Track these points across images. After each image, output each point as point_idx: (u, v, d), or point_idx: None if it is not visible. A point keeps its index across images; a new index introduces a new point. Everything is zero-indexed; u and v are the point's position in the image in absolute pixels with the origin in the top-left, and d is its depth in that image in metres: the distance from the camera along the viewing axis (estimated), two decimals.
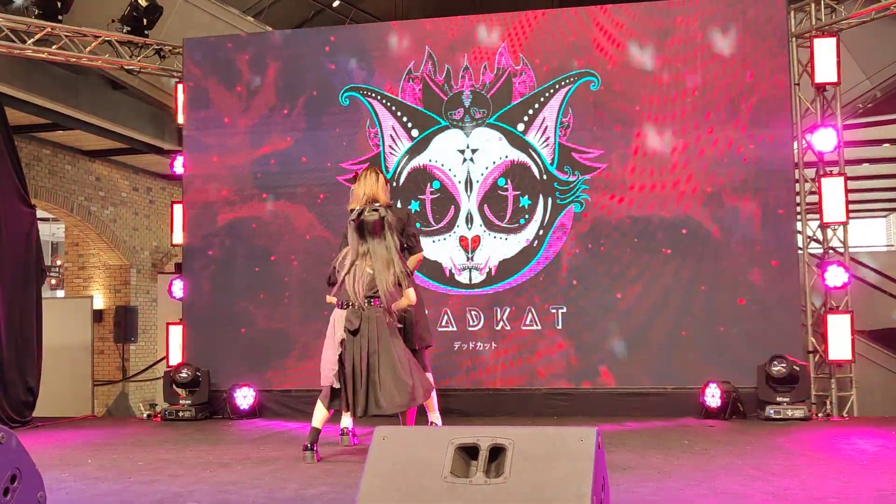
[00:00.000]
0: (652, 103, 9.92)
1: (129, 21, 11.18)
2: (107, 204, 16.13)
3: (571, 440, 3.60)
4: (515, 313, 10.02)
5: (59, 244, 20.48)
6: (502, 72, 10.24)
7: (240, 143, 10.72)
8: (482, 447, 3.63)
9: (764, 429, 8.45)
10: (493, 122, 10.20)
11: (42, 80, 12.25)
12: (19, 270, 10.08)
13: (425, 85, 10.37)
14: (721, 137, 9.74)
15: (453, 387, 9.99)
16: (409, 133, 10.37)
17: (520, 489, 3.48)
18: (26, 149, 13.66)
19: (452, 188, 10.21)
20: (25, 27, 10.55)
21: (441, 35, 10.45)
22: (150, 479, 6.04)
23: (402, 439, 3.82)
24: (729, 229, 9.67)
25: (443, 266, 10.17)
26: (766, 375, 9.14)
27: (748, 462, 6.40)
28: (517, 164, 10.13)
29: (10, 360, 9.81)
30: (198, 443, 7.64)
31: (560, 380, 9.89)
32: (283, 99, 10.69)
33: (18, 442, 4.21)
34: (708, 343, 9.60)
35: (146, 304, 16.75)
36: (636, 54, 10.01)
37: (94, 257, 16.60)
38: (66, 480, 5.94)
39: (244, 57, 10.84)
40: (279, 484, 5.70)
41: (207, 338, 10.56)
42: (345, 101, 10.54)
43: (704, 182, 9.75)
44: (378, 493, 3.63)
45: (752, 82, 9.71)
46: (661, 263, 9.79)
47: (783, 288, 9.54)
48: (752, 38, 9.77)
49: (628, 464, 6.18)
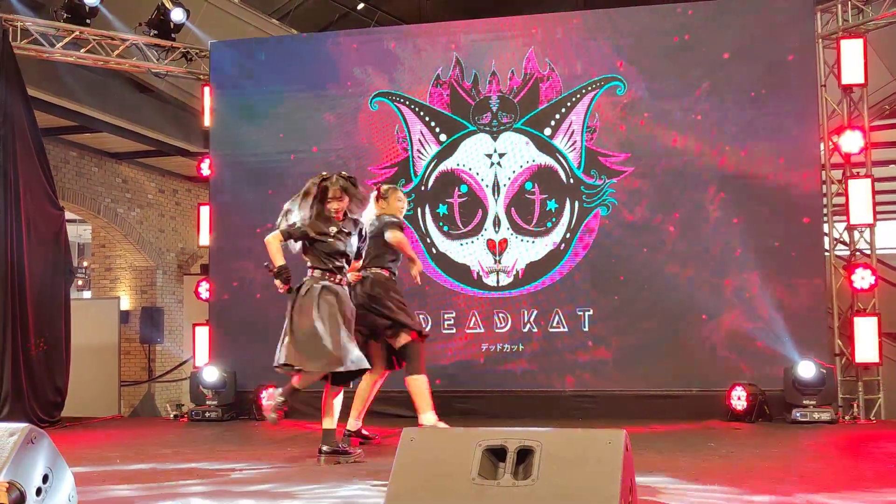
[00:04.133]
0: (677, 107, 9.89)
1: (155, 25, 11.25)
2: (133, 206, 16.20)
3: (600, 442, 3.60)
4: (542, 316, 10.02)
5: (87, 245, 20.56)
6: (529, 76, 10.24)
7: (266, 145, 10.76)
8: (510, 449, 3.63)
9: (790, 432, 8.42)
10: (520, 126, 10.21)
11: (70, 83, 12.34)
12: (48, 271, 10.17)
13: (453, 90, 10.39)
14: (746, 139, 9.69)
15: (480, 388, 10.01)
16: (437, 138, 10.40)
17: (548, 491, 3.49)
18: (54, 151, 13.74)
19: (480, 192, 10.23)
20: (54, 31, 10.65)
21: (468, 39, 10.46)
22: (178, 479, 6.08)
23: (429, 441, 3.83)
24: (754, 232, 9.62)
25: (470, 269, 10.19)
26: (792, 378, 9.11)
27: (775, 465, 6.38)
28: (544, 167, 10.13)
29: (39, 361, 9.90)
30: (225, 443, 7.69)
31: (587, 382, 9.88)
32: (310, 103, 10.72)
33: (50, 442, 4.26)
34: (734, 346, 9.56)
35: (172, 306, 16.82)
36: (662, 57, 9.99)
37: (121, 258, 16.68)
38: (95, 480, 5.98)
39: (270, 60, 10.88)
40: (306, 485, 5.72)
41: (234, 339, 10.59)
42: (373, 106, 10.57)
43: (729, 185, 9.70)
44: (406, 495, 3.65)
45: (779, 84, 9.67)
46: (687, 267, 9.76)
47: (810, 290, 9.49)
48: (778, 40, 9.72)
49: (655, 466, 6.17)
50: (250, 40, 11.76)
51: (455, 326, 10.16)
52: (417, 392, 7.40)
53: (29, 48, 10.54)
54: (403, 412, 9.77)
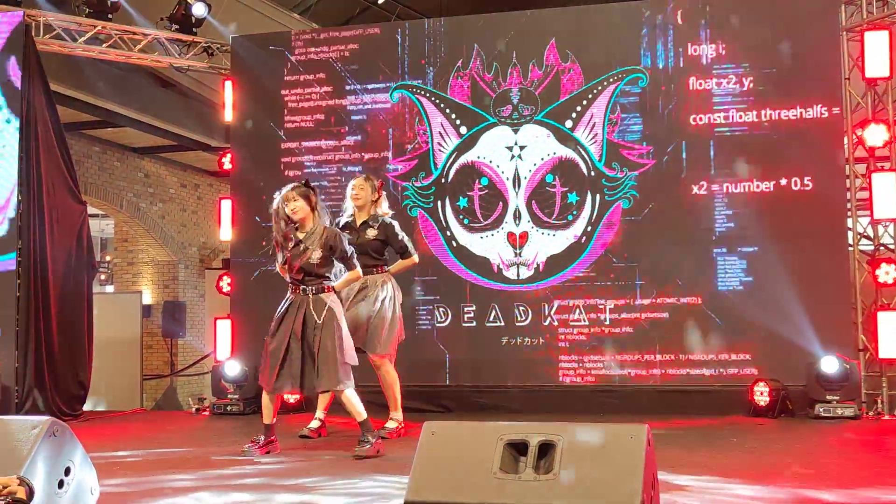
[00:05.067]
0: (700, 99, 9.84)
1: (177, 19, 11.28)
2: (155, 200, 16.27)
3: (622, 437, 3.59)
4: (563, 309, 9.99)
5: (109, 240, 20.66)
6: (550, 69, 10.20)
7: (287, 139, 10.77)
8: (531, 443, 3.62)
9: (813, 427, 8.37)
10: (541, 118, 10.18)
11: (93, 78, 12.39)
12: (70, 265, 10.20)
13: (473, 82, 10.37)
14: (770, 132, 9.64)
15: (501, 383, 9.99)
16: (458, 130, 10.37)
17: (570, 485, 3.47)
18: (77, 146, 13.80)
19: (500, 184, 10.20)
20: (77, 26, 10.69)
21: (489, 32, 10.43)
22: (200, 471, 6.10)
23: (450, 434, 3.82)
24: (777, 227, 9.55)
25: (490, 262, 10.16)
26: (815, 373, 9.05)
27: (798, 460, 6.35)
28: (565, 160, 10.10)
29: (61, 355, 9.94)
30: (246, 436, 7.67)
31: (608, 376, 9.85)
32: (331, 96, 10.72)
33: (72, 435, 4.28)
34: (757, 340, 9.51)
35: (194, 300, 16.88)
36: (684, 50, 9.94)
37: (143, 253, 16.75)
38: (117, 473, 6.00)
39: (291, 54, 10.89)
40: (326, 477, 5.72)
41: (255, 333, 10.59)
42: (394, 99, 10.56)
43: (753, 178, 9.65)
44: (427, 488, 3.64)
45: (802, 77, 9.61)
46: (710, 262, 9.71)
47: (833, 285, 9.43)
48: (802, 32, 9.66)
49: (677, 461, 6.14)
50: (271, 35, 11.77)
51: (475, 320, 10.15)
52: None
53: (52, 43, 10.58)
54: (424, 406, 9.79)
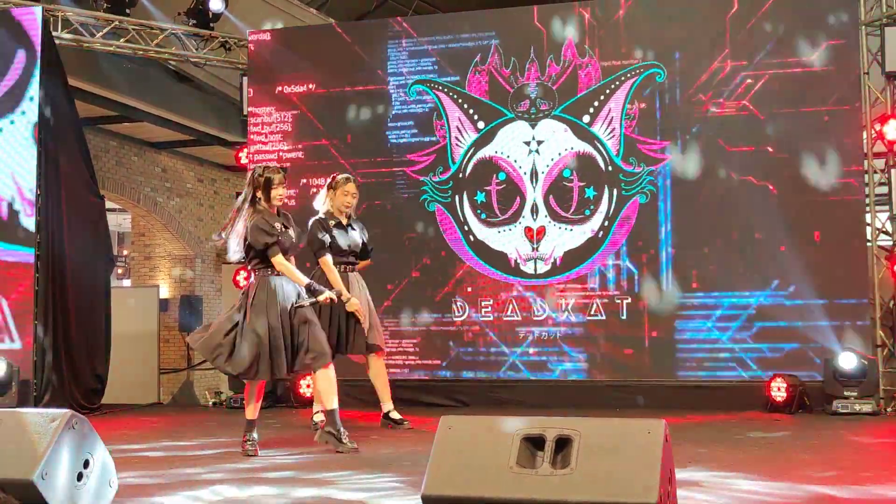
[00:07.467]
0: (718, 94, 9.81)
1: (194, 14, 11.30)
2: (172, 195, 16.30)
3: (639, 432, 3.57)
4: (580, 304, 9.99)
5: (126, 234, 20.74)
6: (568, 63, 10.19)
7: (304, 134, 10.79)
8: (548, 438, 3.61)
9: (831, 423, 8.33)
10: (558, 113, 10.17)
11: (110, 72, 12.42)
12: (88, 259, 10.24)
13: (491, 77, 10.36)
14: (788, 128, 9.61)
15: (517, 378, 10.00)
16: (476, 125, 10.37)
17: (586, 480, 3.47)
18: (94, 140, 13.84)
19: (518, 179, 10.19)
20: (94, 21, 10.73)
21: (507, 27, 10.44)
22: (217, 464, 6.11)
23: (467, 429, 3.81)
24: (796, 222, 9.52)
25: (508, 256, 10.17)
26: (833, 369, 9.02)
27: (816, 457, 6.32)
28: (583, 155, 10.08)
29: (79, 348, 9.99)
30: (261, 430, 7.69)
31: (625, 372, 9.85)
32: (347, 91, 10.73)
33: (91, 428, 4.29)
34: (774, 336, 9.49)
35: (211, 294, 16.92)
36: (702, 45, 9.91)
37: (160, 247, 16.79)
38: (135, 466, 6.02)
39: (308, 49, 10.90)
40: (344, 471, 5.73)
41: None
42: (412, 94, 10.56)
43: (771, 174, 9.62)
44: (444, 482, 3.64)
45: (822, 71, 9.57)
46: (728, 257, 9.69)
47: (851, 281, 9.39)
48: (821, 26, 9.61)
49: (695, 457, 6.13)
50: (288, 29, 11.80)
51: (492, 314, 10.15)
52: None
53: (69, 38, 10.62)
54: (441, 401, 9.81)
